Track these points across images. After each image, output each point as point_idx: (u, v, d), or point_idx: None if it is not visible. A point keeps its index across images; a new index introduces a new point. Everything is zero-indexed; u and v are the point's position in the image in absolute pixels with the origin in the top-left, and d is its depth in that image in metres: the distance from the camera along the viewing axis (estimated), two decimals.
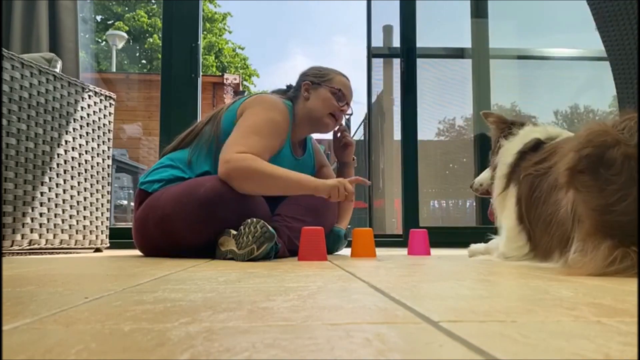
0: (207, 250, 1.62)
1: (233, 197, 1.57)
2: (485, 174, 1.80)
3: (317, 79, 1.87)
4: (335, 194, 1.60)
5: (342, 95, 1.86)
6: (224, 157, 1.60)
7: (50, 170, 2.02)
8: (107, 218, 2.34)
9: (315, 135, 2.06)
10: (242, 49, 17.55)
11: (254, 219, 1.45)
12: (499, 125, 1.68)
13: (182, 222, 1.59)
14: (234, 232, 1.50)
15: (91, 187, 2.24)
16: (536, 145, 1.48)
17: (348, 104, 1.90)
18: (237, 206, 1.57)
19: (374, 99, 3.41)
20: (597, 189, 1.00)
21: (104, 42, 11.06)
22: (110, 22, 14.21)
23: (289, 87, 1.99)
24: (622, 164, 0.98)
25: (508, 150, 1.56)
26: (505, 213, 1.53)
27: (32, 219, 1.92)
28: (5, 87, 1.82)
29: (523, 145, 1.51)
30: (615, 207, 0.98)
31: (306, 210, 1.74)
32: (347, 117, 1.94)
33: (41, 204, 1.97)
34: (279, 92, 2.00)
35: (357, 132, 6.68)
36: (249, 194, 1.60)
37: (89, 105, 2.24)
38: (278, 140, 1.73)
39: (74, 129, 2.15)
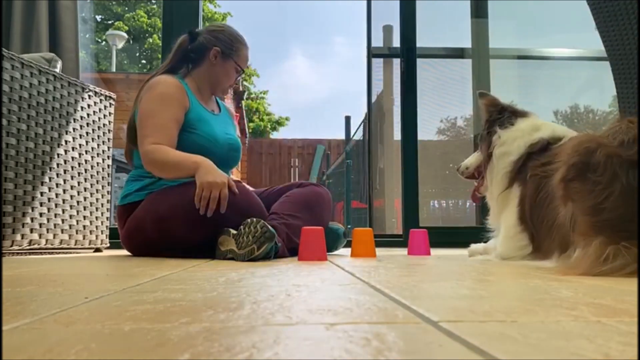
0: (207, 249, 1.63)
1: (228, 196, 1.58)
2: (472, 158, 1.78)
3: (228, 49, 1.91)
4: (207, 194, 1.56)
5: (241, 70, 1.97)
6: (141, 154, 1.73)
7: (50, 170, 2.02)
8: (107, 218, 2.34)
9: (316, 135, 2.11)
10: None
11: (254, 219, 1.45)
12: (488, 108, 1.66)
13: (179, 222, 1.61)
14: (233, 231, 1.50)
15: (91, 187, 2.24)
16: (543, 147, 1.46)
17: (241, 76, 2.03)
18: (232, 204, 1.58)
19: (374, 99, 3.41)
20: (586, 192, 1.04)
21: (104, 42, 11.07)
22: (110, 22, 14.21)
23: (193, 35, 1.94)
24: (605, 163, 1.02)
25: (511, 145, 1.52)
26: (505, 213, 1.52)
27: (32, 219, 1.92)
28: (5, 87, 1.82)
29: (530, 145, 1.48)
30: (603, 205, 1.01)
31: (301, 207, 1.77)
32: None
33: (41, 204, 1.97)
34: (180, 47, 1.96)
35: (357, 132, 6.68)
36: (173, 178, 1.70)
37: (89, 105, 2.24)
38: (175, 107, 1.78)
39: (74, 129, 2.15)
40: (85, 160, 2.22)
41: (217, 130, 1.88)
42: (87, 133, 2.22)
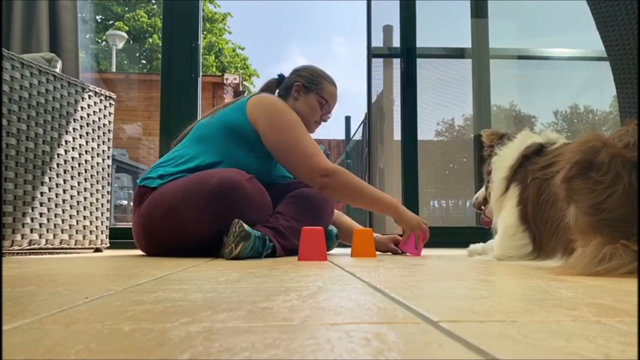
0: (211, 246, 1.65)
1: (242, 188, 1.61)
2: (482, 190, 1.83)
3: (309, 83, 1.94)
4: (418, 228, 1.79)
5: (327, 105, 1.97)
6: (317, 169, 1.71)
7: (50, 170, 2.02)
8: (107, 218, 2.34)
9: (316, 135, 2.09)
10: (242, 49, 17.55)
11: (236, 220, 1.51)
12: (489, 137, 1.73)
13: (191, 213, 1.61)
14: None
15: (91, 187, 2.24)
16: (538, 150, 1.48)
17: (330, 111, 2.01)
18: (245, 198, 1.61)
19: (374, 99, 3.41)
20: (587, 191, 1.05)
21: (104, 42, 11.06)
22: (110, 22, 14.21)
23: (281, 77, 2.03)
24: (609, 164, 1.03)
25: (507, 154, 1.57)
26: (503, 214, 1.53)
27: (32, 219, 1.92)
28: (5, 87, 1.82)
29: (525, 148, 1.51)
30: (604, 205, 1.01)
31: (306, 210, 1.77)
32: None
33: (41, 204, 1.97)
34: (269, 89, 2.04)
35: (357, 132, 6.68)
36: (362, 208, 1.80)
37: (89, 105, 2.24)
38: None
39: (74, 129, 2.15)
40: (85, 160, 2.22)
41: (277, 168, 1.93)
42: (87, 133, 2.22)
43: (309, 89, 1.93)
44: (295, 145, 1.74)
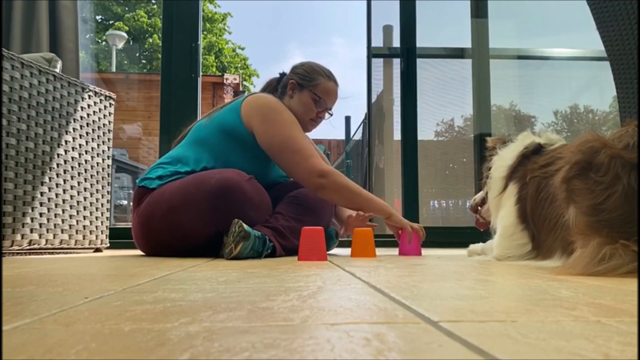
0: (212, 246, 1.65)
1: (241, 189, 1.61)
2: (481, 193, 1.82)
3: (302, 80, 1.90)
4: (409, 227, 1.78)
5: (323, 102, 1.90)
6: (314, 170, 1.69)
7: (50, 170, 2.02)
8: (107, 218, 2.34)
9: (316, 135, 2.09)
10: (242, 49, 17.55)
11: (236, 220, 1.51)
12: (494, 141, 1.74)
13: (191, 213, 1.61)
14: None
15: (91, 187, 2.24)
16: (537, 149, 1.49)
17: (328, 109, 1.94)
18: (244, 198, 1.61)
19: (374, 99, 3.41)
20: (587, 192, 1.05)
21: (104, 42, 11.06)
22: (110, 22, 14.21)
23: (282, 75, 2.01)
24: (609, 164, 1.03)
25: (507, 154, 1.58)
26: (502, 213, 1.53)
27: (32, 219, 1.92)
28: (5, 87, 1.82)
29: (524, 147, 1.52)
30: (603, 205, 1.01)
31: (306, 210, 1.76)
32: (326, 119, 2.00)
33: (41, 204, 1.97)
34: (270, 88, 2.03)
35: (357, 132, 6.68)
36: (352, 208, 1.81)
37: (89, 105, 2.24)
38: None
39: (74, 129, 2.15)
40: (85, 160, 2.22)
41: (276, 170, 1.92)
42: (87, 133, 2.22)
43: (302, 86, 1.89)
44: (291, 145, 1.72)
